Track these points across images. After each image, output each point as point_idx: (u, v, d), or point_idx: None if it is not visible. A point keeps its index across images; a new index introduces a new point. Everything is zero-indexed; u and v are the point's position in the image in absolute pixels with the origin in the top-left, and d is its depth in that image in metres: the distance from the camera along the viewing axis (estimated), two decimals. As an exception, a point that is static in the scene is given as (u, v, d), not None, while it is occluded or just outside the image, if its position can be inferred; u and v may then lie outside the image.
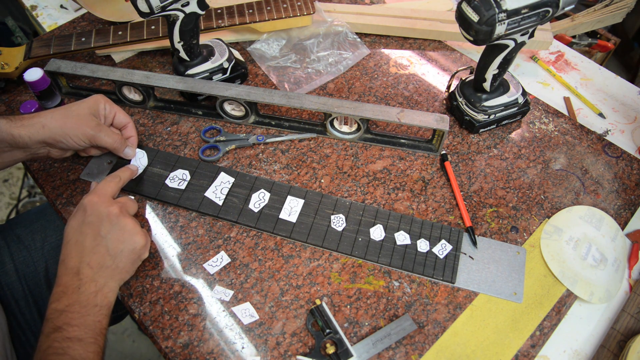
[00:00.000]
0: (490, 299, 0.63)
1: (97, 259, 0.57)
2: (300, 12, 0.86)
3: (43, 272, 0.76)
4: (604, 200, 0.73)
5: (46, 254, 0.77)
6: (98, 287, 0.56)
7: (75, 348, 0.51)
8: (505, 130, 0.80)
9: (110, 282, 0.57)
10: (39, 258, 0.76)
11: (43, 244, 0.77)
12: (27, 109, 0.76)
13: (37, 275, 0.76)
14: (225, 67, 0.80)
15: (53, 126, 0.63)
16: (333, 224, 0.67)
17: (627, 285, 0.67)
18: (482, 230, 0.69)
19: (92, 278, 0.56)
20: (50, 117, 0.63)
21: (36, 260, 0.76)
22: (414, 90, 0.85)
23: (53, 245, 0.78)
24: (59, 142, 0.64)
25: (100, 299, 0.55)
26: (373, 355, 0.58)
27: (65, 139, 0.64)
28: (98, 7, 0.90)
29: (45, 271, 0.76)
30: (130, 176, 0.68)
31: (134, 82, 0.75)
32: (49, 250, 0.77)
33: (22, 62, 0.80)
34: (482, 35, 0.63)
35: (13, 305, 0.74)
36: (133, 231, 0.59)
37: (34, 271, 0.76)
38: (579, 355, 0.61)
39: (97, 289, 0.55)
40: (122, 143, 0.69)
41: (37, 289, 0.76)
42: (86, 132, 0.64)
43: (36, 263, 0.76)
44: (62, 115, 0.64)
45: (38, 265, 0.76)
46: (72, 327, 0.52)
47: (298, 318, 0.61)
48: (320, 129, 0.78)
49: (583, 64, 0.93)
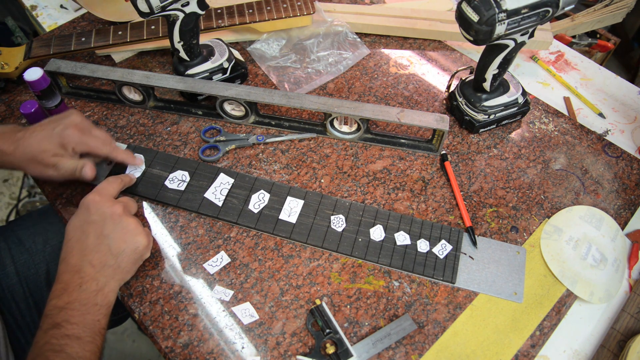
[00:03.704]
0: (490, 299, 0.63)
1: (99, 257, 0.57)
2: (300, 12, 0.86)
3: (44, 274, 0.76)
4: (604, 200, 0.73)
5: (47, 257, 0.77)
6: (99, 286, 0.56)
7: (73, 346, 0.51)
8: (505, 130, 0.80)
9: (111, 282, 0.57)
10: (40, 260, 0.76)
11: (44, 247, 0.77)
12: (27, 109, 0.76)
13: (38, 277, 0.76)
14: (225, 67, 0.80)
15: (11, 160, 0.63)
16: (333, 225, 0.67)
17: (627, 285, 0.67)
18: (482, 230, 0.69)
19: (94, 277, 0.56)
20: (13, 147, 0.63)
21: (37, 262, 0.76)
22: (414, 90, 0.85)
23: (54, 248, 0.78)
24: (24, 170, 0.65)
25: (101, 298, 0.55)
26: (373, 355, 0.58)
27: (26, 171, 0.65)
28: (98, 7, 0.90)
29: (46, 274, 0.76)
30: (131, 181, 0.68)
31: (134, 82, 0.75)
32: (50, 252, 0.77)
33: (22, 62, 0.80)
34: (482, 35, 0.63)
35: (13, 307, 0.74)
36: (135, 231, 0.59)
37: (34, 273, 0.76)
38: (579, 355, 0.61)
39: (98, 288, 0.55)
40: (81, 170, 0.65)
41: (37, 291, 0.75)
42: (41, 172, 0.64)
43: (37, 265, 0.76)
44: (22, 150, 0.63)
45: (39, 267, 0.76)
46: (71, 325, 0.52)
47: (298, 318, 0.61)
48: (320, 129, 0.78)
49: (583, 64, 0.93)
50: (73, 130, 0.63)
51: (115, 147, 0.67)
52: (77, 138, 0.63)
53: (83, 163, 0.64)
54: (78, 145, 0.64)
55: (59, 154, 0.63)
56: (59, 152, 0.63)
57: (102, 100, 0.82)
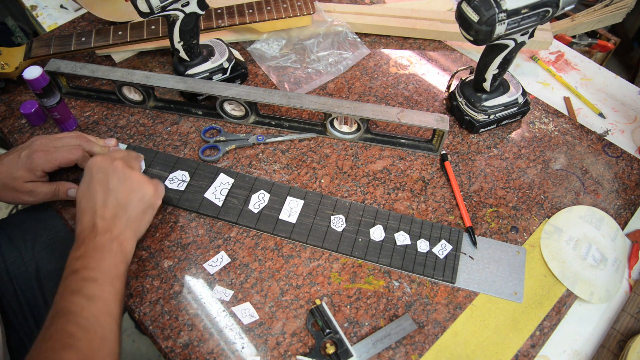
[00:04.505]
0: (490, 299, 0.63)
1: (110, 211, 0.59)
2: (300, 12, 0.86)
3: (34, 272, 0.76)
4: (604, 200, 0.73)
5: (37, 255, 0.77)
6: (114, 236, 0.58)
7: (90, 287, 0.53)
8: (505, 130, 0.80)
9: (125, 231, 0.59)
10: (30, 259, 0.76)
11: (34, 245, 0.77)
12: (27, 109, 0.76)
13: (28, 275, 0.76)
14: (225, 67, 0.80)
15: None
16: (333, 225, 0.67)
17: (627, 285, 0.67)
18: (482, 230, 0.69)
19: (107, 228, 0.58)
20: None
21: (27, 260, 0.76)
22: (414, 90, 0.85)
23: (44, 246, 0.78)
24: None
25: (117, 245, 0.57)
26: (373, 355, 0.58)
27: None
28: (98, 7, 0.90)
29: (36, 272, 0.76)
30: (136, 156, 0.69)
31: (134, 82, 0.75)
32: (39, 250, 0.77)
33: (22, 62, 0.80)
34: (482, 35, 0.63)
35: (5, 306, 0.74)
36: (140, 181, 0.62)
37: (24, 272, 0.76)
38: (579, 355, 0.61)
39: (113, 237, 0.57)
40: (59, 192, 0.68)
41: (28, 289, 0.75)
42: (15, 198, 0.66)
43: (27, 264, 0.76)
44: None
45: (29, 265, 0.76)
46: (88, 270, 0.54)
47: (298, 318, 0.61)
48: (320, 129, 0.78)
49: (583, 64, 0.93)
50: (38, 154, 0.65)
51: (85, 148, 0.68)
52: (43, 159, 0.65)
53: (58, 186, 0.67)
54: (46, 165, 0.65)
55: (30, 179, 0.65)
56: (30, 178, 0.65)
57: (102, 100, 0.82)
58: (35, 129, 0.79)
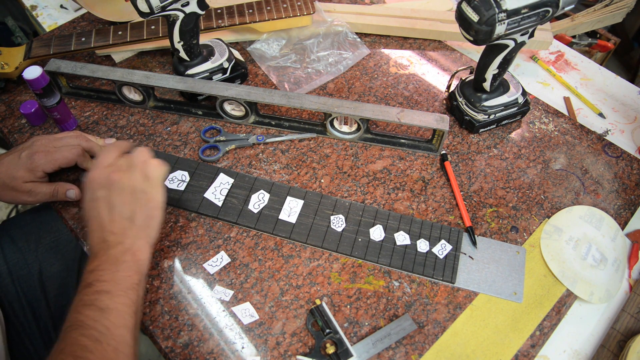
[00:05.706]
0: (490, 299, 0.63)
1: (117, 226, 0.58)
2: (300, 12, 0.86)
3: (37, 274, 0.76)
4: (604, 200, 0.73)
5: (40, 257, 0.77)
6: (126, 247, 0.57)
7: (103, 300, 0.52)
8: (505, 130, 0.80)
9: (137, 242, 0.58)
10: (33, 260, 0.76)
11: (37, 246, 0.77)
12: (27, 109, 0.76)
13: (31, 277, 0.76)
14: (225, 67, 0.80)
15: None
16: (333, 225, 0.67)
17: (627, 285, 0.67)
18: (482, 230, 0.69)
19: (119, 241, 0.57)
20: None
21: (30, 262, 0.76)
22: (414, 90, 0.85)
23: (47, 248, 0.78)
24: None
25: (130, 257, 0.56)
26: (373, 355, 0.58)
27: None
28: (98, 7, 0.90)
29: (39, 274, 0.76)
30: (128, 146, 0.67)
31: (134, 82, 0.75)
32: (42, 252, 0.77)
33: (22, 62, 0.80)
34: (482, 35, 0.63)
35: (7, 307, 0.74)
36: (138, 189, 0.60)
37: (27, 274, 0.76)
38: (579, 355, 0.61)
39: (126, 249, 0.57)
40: (58, 192, 0.68)
41: (30, 291, 0.75)
42: (14, 198, 0.66)
43: (30, 265, 0.76)
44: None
45: (32, 267, 0.76)
46: (101, 282, 0.54)
47: (298, 318, 0.61)
48: (320, 129, 0.78)
49: (583, 64, 0.93)
50: (39, 155, 0.65)
51: (85, 147, 0.68)
52: (44, 160, 0.65)
53: (57, 187, 0.67)
54: (46, 165, 0.65)
55: (30, 179, 0.65)
56: (30, 178, 0.65)
57: (102, 100, 0.82)
58: (35, 129, 0.79)
